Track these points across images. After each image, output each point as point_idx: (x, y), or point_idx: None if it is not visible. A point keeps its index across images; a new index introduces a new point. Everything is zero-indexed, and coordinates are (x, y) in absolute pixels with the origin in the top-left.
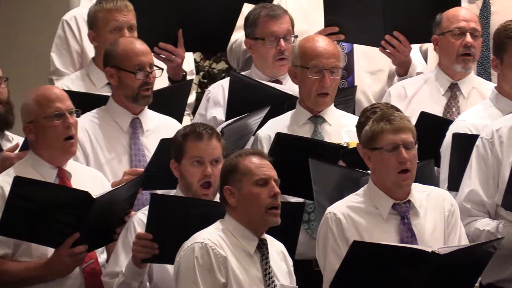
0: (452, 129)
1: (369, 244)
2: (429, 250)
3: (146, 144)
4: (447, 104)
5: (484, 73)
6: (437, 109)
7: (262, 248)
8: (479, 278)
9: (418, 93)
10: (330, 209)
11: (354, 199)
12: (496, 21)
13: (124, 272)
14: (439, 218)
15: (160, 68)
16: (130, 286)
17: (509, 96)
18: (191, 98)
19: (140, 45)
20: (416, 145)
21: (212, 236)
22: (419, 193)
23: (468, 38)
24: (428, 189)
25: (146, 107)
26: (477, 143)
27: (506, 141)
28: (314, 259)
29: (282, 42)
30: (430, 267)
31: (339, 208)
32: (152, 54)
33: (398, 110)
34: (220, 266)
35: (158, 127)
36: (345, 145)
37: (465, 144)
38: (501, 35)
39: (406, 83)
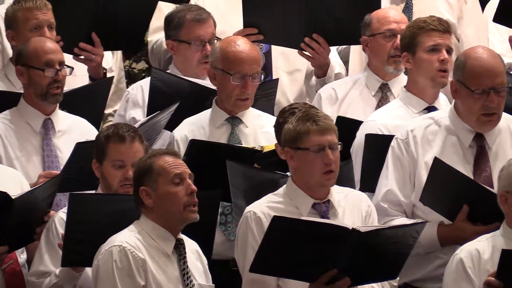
0: (363, 130)
1: (290, 219)
2: (350, 227)
3: (58, 145)
4: (378, 105)
5: None
6: (368, 110)
7: (179, 248)
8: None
9: (348, 95)
10: (250, 208)
11: (273, 198)
12: None
13: (58, 274)
14: (357, 219)
15: (70, 67)
16: None
17: (419, 95)
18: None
19: (50, 44)
20: (340, 145)
21: (130, 238)
22: (337, 193)
23: (399, 40)
24: (346, 190)
25: (58, 107)
26: (392, 143)
27: (420, 141)
28: (232, 259)
29: (207, 46)
30: (350, 244)
31: (259, 207)
32: (64, 53)
33: (317, 109)
34: (139, 268)
35: (70, 127)
36: (259, 149)
37: (377, 144)
38: (412, 28)
39: (336, 85)
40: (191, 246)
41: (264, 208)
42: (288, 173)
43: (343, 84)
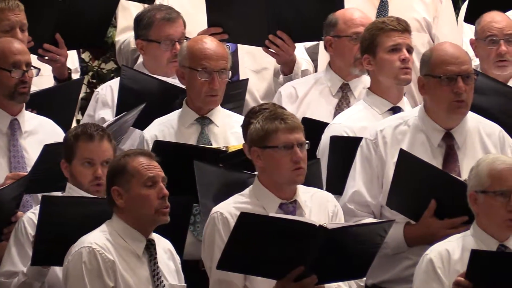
0: (328, 132)
1: (257, 215)
2: (317, 224)
3: (24, 146)
4: (338, 105)
5: None
6: (328, 109)
7: (150, 248)
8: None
9: (309, 94)
10: (216, 208)
11: (240, 199)
12: None
13: (26, 272)
14: (323, 219)
15: (37, 68)
16: (31, 287)
17: (383, 95)
18: None
19: (18, 45)
20: (307, 144)
21: (99, 239)
22: (304, 194)
23: None
24: (312, 190)
25: (24, 108)
26: (361, 143)
27: (390, 142)
28: (201, 259)
29: (177, 45)
30: (317, 241)
31: (225, 208)
32: (30, 54)
33: (284, 109)
34: (108, 270)
35: (36, 128)
36: (224, 149)
37: (342, 147)
38: (372, 30)
39: (296, 84)
40: (164, 245)
41: (231, 208)
42: (255, 173)
43: (304, 83)
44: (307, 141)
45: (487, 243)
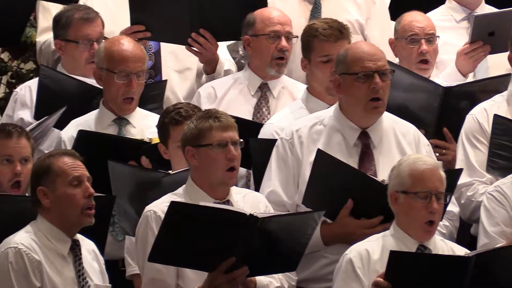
0: (261, 133)
1: (187, 204)
2: (247, 213)
3: None
4: (257, 104)
5: None
6: (248, 109)
7: (75, 249)
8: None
9: (228, 93)
10: (150, 207)
11: (173, 198)
12: None
13: None
14: None
15: None
16: None
17: (319, 96)
18: None
19: None
20: (242, 142)
21: (25, 239)
22: (236, 194)
23: (283, 42)
24: (244, 191)
25: None
26: (277, 143)
27: (306, 141)
28: (121, 259)
29: (95, 45)
30: (248, 231)
31: (159, 206)
32: None
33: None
34: (34, 270)
35: None
36: (148, 140)
37: (263, 148)
38: (307, 35)
39: (215, 84)
40: (88, 246)
41: (164, 207)
42: (170, 171)
43: (223, 83)
44: (241, 139)
45: (406, 243)
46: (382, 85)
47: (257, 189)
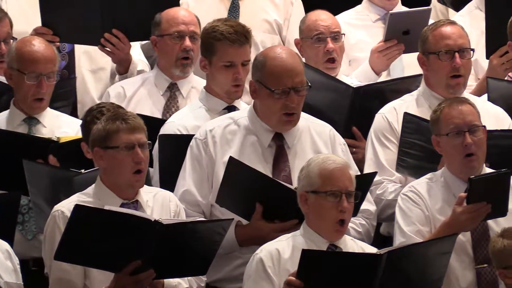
0: (162, 131)
1: (91, 208)
2: (153, 219)
3: None
4: (166, 104)
5: None
6: (157, 109)
7: None
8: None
9: (137, 93)
10: (58, 207)
11: (82, 198)
12: (244, 21)
13: None
14: (165, 218)
15: None
16: None
17: (217, 95)
18: None
19: None
20: (149, 144)
21: None
22: (146, 194)
23: (187, 42)
24: (154, 190)
25: None
26: (191, 143)
27: (219, 141)
28: (31, 259)
29: (2, 45)
30: (153, 236)
31: (66, 206)
32: None
33: (125, 109)
34: None
35: None
36: (55, 139)
37: (171, 145)
38: (209, 37)
39: (125, 83)
40: (1, 246)
41: (72, 207)
42: (83, 170)
43: (132, 83)
44: (149, 141)
45: (317, 243)
46: (298, 101)
47: (163, 185)
